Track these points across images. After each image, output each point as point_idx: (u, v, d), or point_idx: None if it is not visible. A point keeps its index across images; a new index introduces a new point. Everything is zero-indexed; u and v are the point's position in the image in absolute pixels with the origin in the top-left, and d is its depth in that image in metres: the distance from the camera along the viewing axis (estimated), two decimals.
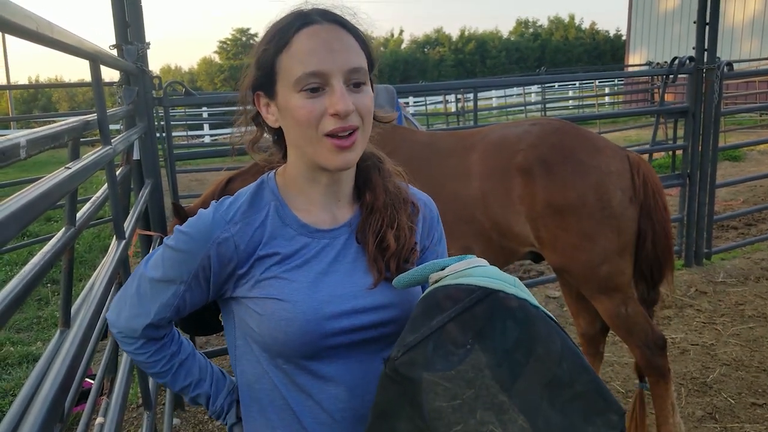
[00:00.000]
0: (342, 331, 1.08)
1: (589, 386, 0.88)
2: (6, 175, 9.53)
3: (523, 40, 58.95)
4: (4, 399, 3.50)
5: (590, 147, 2.54)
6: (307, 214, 1.13)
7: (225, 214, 1.10)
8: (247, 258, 1.09)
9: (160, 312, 1.14)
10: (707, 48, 4.95)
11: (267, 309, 1.08)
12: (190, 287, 1.11)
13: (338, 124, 1.01)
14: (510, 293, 0.91)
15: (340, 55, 1.01)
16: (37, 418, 0.98)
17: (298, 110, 1.02)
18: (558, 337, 0.90)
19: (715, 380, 3.36)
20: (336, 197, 1.15)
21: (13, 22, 0.92)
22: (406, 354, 0.89)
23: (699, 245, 5.20)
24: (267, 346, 1.10)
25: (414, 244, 1.18)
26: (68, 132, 1.38)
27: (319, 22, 1.03)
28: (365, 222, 1.15)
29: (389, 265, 1.13)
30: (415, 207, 1.23)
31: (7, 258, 6.29)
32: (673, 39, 21.22)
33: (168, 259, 1.12)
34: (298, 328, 1.06)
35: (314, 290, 1.08)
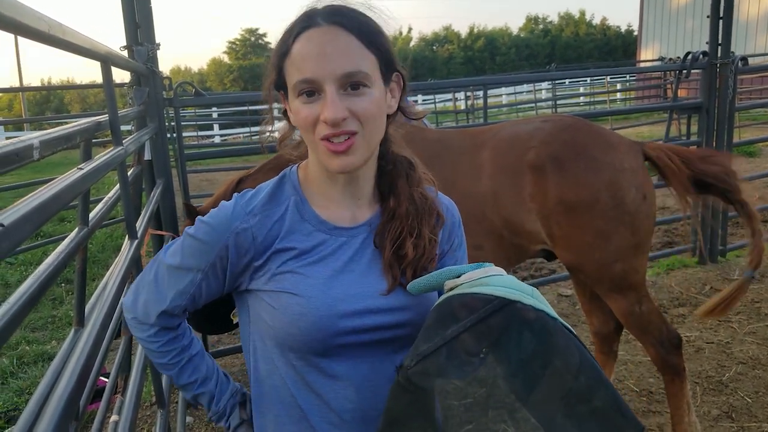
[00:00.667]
0: (354, 330, 1.08)
1: (607, 401, 0.86)
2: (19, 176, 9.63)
3: (533, 36, 58.70)
4: (20, 397, 3.53)
5: (603, 143, 2.52)
6: (326, 211, 1.14)
7: (246, 205, 1.11)
8: (264, 250, 1.10)
9: (175, 299, 1.14)
10: (721, 42, 4.89)
11: (281, 302, 1.08)
12: (207, 276, 1.12)
13: (329, 130, 1.01)
14: (528, 304, 0.89)
15: (333, 60, 1.00)
16: (53, 416, 0.99)
17: (297, 114, 1.04)
18: (576, 350, 0.88)
19: (731, 379, 3.33)
20: (355, 196, 1.15)
21: (26, 24, 0.92)
22: (419, 363, 0.88)
23: (714, 242, 5.14)
24: (279, 341, 1.10)
25: (434, 256, 1.17)
26: (80, 133, 1.39)
27: (318, 24, 1.02)
28: (384, 227, 1.14)
29: (405, 272, 1.12)
30: (441, 218, 1.21)
31: (21, 258, 6.35)
32: (686, 34, 21.02)
33: (188, 247, 1.13)
34: (312, 324, 1.06)
35: (329, 287, 1.08)
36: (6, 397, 3.52)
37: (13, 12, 0.86)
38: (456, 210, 1.29)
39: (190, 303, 1.16)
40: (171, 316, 1.18)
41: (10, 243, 0.76)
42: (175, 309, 1.16)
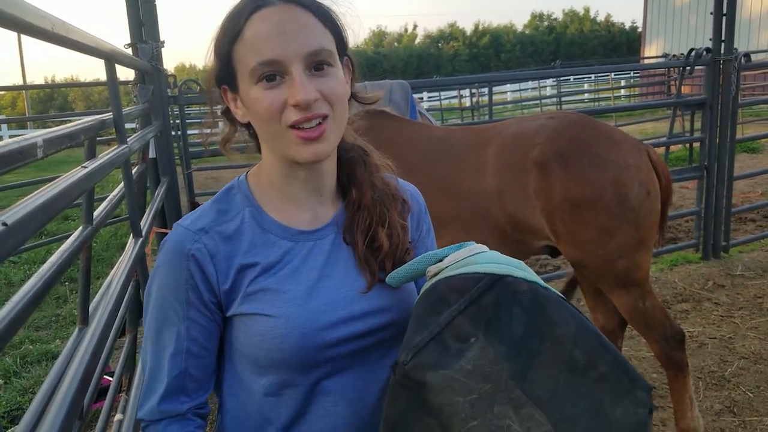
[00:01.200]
0: (340, 341, 1.00)
1: (612, 365, 0.82)
2: (23, 175, 9.66)
3: (538, 33, 58.56)
4: (23, 396, 3.54)
5: (607, 140, 2.52)
6: (287, 215, 1.04)
7: (192, 225, 1.00)
8: (227, 269, 0.99)
9: (172, 368, 0.99)
10: (724, 39, 4.87)
11: (258, 327, 0.98)
12: (191, 319, 0.99)
13: (301, 114, 0.91)
14: (519, 277, 0.86)
15: (296, 38, 0.91)
16: (57, 415, 0.99)
17: (257, 103, 0.93)
18: (572, 319, 0.84)
19: (733, 374, 3.32)
20: (317, 192, 1.05)
21: (29, 23, 0.92)
22: (415, 357, 0.82)
23: (717, 238, 5.13)
24: (258, 365, 1.00)
25: (408, 244, 1.10)
26: (84, 131, 1.40)
27: (272, 3, 0.93)
28: (352, 221, 1.06)
29: (384, 265, 1.05)
30: (406, 204, 1.14)
31: (25, 257, 6.36)
32: (690, 30, 20.94)
33: (157, 301, 1.01)
34: (295, 344, 0.97)
35: (308, 300, 0.99)
36: (9, 396, 3.53)
37: (17, 10, 0.86)
38: (421, 197, 1.23)
39: (193, 366, 1.00)
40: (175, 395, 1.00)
41: (14, 242, 0.76)
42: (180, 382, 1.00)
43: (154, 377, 1.00)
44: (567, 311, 0.85)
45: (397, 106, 3.82)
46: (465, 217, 2.69)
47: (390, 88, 3.91)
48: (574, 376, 0.81)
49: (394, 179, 1.16)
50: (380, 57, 51.01)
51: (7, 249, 0.73)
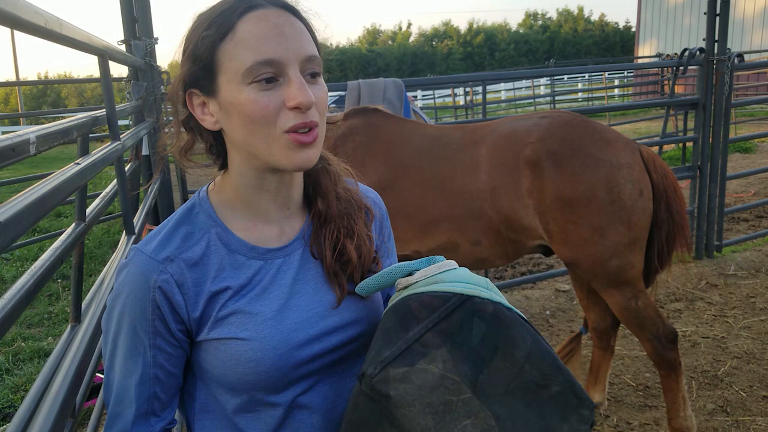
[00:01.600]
0: (312, 357, 0.99)
1: (564, 386, 0.88)
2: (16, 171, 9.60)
3: (532, 32, 58.66)
4: (16, 394, 3.53)
5: (600, 140, 2.53)
6: (254, 232, 1.01)
7: (156, 252, 0.95)
8: (196, 298, 0.95)
9: (140, 393, 0.96)
10: (717, 39, 4.90)
11: (231, 351, 0.95)
12: (157, 347, 0.95)
13: (299, 119, 0.89)
14: (485, 298, 0.90)
15: (294, 41, 0.89)
16: (49, 413, 0.99)
17: (251, 105, 0.89)
18: (531, 339, 0.89)
19: (726, 373, 3.34)
20: (285, 205, 1.03)
21: (22, 19, 0.92)
22: (383, 371, 0.84)
23: (710, 237, 5.16)
24: (232, 387, 0.98)
25: (375, 254, 1.09)
26: (77, 128, 1.39)
27: (264, 5, 0.91)
28: (318, 233, 1.04)
29: (353, 277, 1.04)
30: (370, 212, 1.13)
31: (18, 254, 6.33)
32: (684, 30, 21.03)
33: (121, 329, 0.96)
34: (270, 365, 0.95)
35: (280, 320, 0.97)
36: (1, 394, 3.52)
37: (10, 6, 0.85)
38: (382, 202, 1.20)
39: (158, 388, 0.97)
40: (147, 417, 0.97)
41: (6, 239, 0.76)
42: (148, 407, 0.97)
43: (121, 402, 0.96)
44: (528, 332, 0.90)
45: (390, 105, 3.82)
46: (458, 216, 2.70)
47: (384, 86, 3.91)
48: (528, 394, 0.86)
49: (356, 185, 1.14)
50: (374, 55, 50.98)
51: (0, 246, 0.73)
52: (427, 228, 2.75)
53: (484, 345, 0.87)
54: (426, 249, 2.76)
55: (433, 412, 0.81)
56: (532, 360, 0.87)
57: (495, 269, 5.28)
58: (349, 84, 3.97)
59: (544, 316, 4.25)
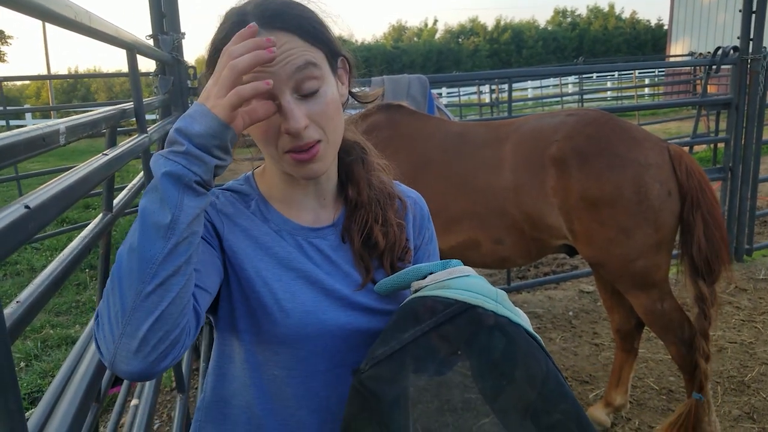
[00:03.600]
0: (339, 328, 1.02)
1: (567, 415, 0.83)
2: (46, 163, 9.81)
3: (561, 29, 57.97)
4: (44, 379, 3.61)
5: (628, 139, 2.49)
6: (289, 213, 1.07)
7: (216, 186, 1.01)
8: (231, 232, 1.01)
9: None
10: (752, 37, 4.79)
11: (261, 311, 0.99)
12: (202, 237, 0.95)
13: (294, 143, 0.93)
14: (489, 309, 0.86)
15: (281, 65, 0.90)
16: (74, 397, 1.01)
17: (253, 130, 0.95)
18: (542, 360, 0.85)
19: (753, 379, 3.27)
20: (319, 196, 1.08)
21: (53, 11, 0.94)
22: (373, 368, 0.86)
23: (740, 241, 5.05)
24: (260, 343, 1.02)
25: (406, 242, 1.12)
26: (105, 120, 1.41)
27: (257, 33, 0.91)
28: (350, 219, 1.09)
29: (383, 263, 1.07)
30: (402, 202, 1.15)
31: (47, 243, 6.47)
32: (717, 28, 20.58)
33: None
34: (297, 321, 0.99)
35: (309, 288, 1.01)
36: (30, 379, 3.61)
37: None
38: (424, 203, 1.22)
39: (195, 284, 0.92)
40: None
41: (36, 225, 0.77)
42: None
43: None
44: (536, 351, 0.86)
45: (414, 101, 3.81)
46: (481, 213, 2.68)
47: (408, 83, 3.90)
48: (524, 416, 0.81)
49: (390, 180, 1.17)
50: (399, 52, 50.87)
51: (29, 232, 0.74)
52: (449, 225, 2.74)
53: (481, 357, 0.83)
54: (447, 246, 2.75)
55: (421, 417, 0.80)
56: (531, 381, 0.83)
57: (518, 269, 5.24)
58: (374, 80, 3.97)
59: (567, 317, 4.21)
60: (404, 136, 2.89)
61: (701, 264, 2.44)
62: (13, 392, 0.64)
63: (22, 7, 0.81)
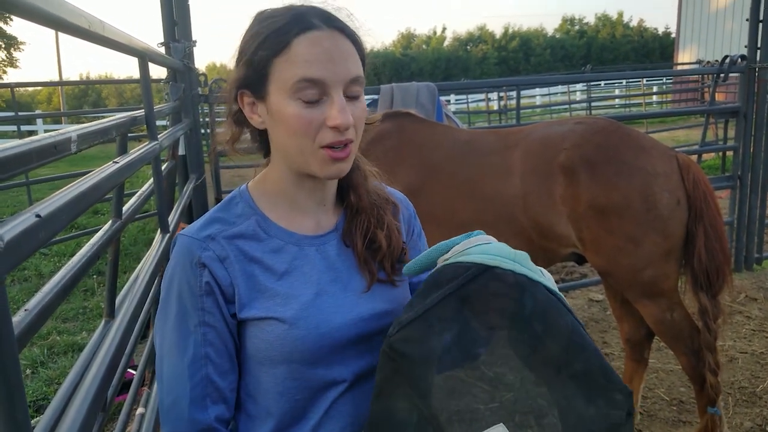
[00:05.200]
0: (350, 341, 1.04)
1: (589, 365, 0.85)
2: (57, 169, 9.86)
3: (569, 37, 57.99)
4: (49, 387, 3.61)
5: (636, 147, 2.48)
6: (291, 222, 1.08)
7: (197, 233, 1.02)
8: (238, 271, 1.01)
9: (193, 374, 0.99)
10: (760, 46, 4.76)
11: (275, 331, 1.00)
12: (207, 324, 1.00)
13: (336, 138, 0.97)
14: (507, 269, 0.90)
15: (340, 65, 0.97)
16: (81, 406, 1.00)
17: (294, 119, 0.97)
18: (564, 313, 0.89)
19: (765, 390, 3.24)
20: (321, 201, 1.11)
21: (67, 21, 0.94)
22: (400, 331, 0.89)
23: (749, 250, 5.01)
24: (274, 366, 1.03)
25: (403, 244, 1.16)
26: (116, 127, 1.42)
27: (319, 27, 0.97)
28: (351, 223, 1.11)
29: (383, 265, 1.10)
30: (396, 207, 1.20)
31: (56, 249, 6.50)
32: (725, 37, 20.52)
33: (171, 313, 1.01)
34: (312, 344, 1.00)
35: (319, 303, 1.03)
36: (36, 386, 3.60)
37: (55, 9, 0.88)
38: (409, 203, 1.27)
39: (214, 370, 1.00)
40: (201, 404, 0.99)
41: (47, 233, 0.77)
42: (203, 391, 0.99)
43: (175, 388, 0.99)
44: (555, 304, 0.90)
45: (423, 108, 3.81)
46: (489, 221, 2.68)
47: (417, 90, 3.91)
48: (546, 370, 0.84)
49: (382, 185, 1.21)
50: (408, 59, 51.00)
51: (40, 240, 0.74)
52: (457, 232, 2.71)
53: (500, 314, 0.87)
54: None
55: (448, 377, 0.84)
56: (551, 334, 0.86)
57: None
58: (383, 88, 3.98)
59: None
60: (412, 143, 2.89)
61: (701, 276, 2.42)
62: (19, 401, 0.64)
63: (37, 17, 0.82)
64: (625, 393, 0.84)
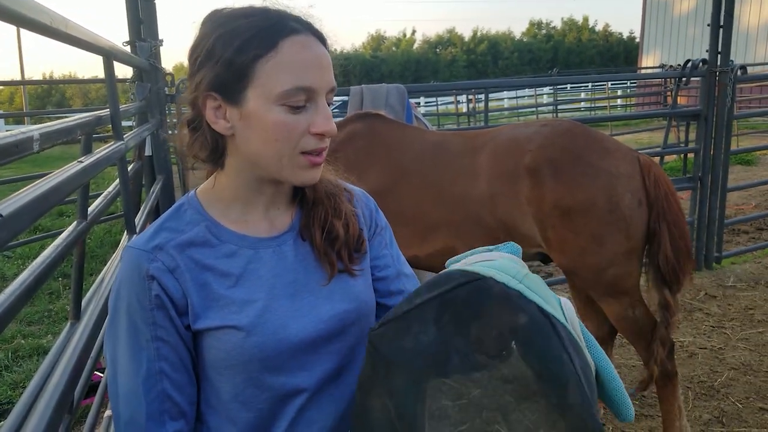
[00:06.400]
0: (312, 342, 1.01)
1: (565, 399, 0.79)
2: (19, 170, 9.63)
3: (536, 41, 58.71)
4: (14, 391, 3.53)
5: (600, 149, 2.53)
6: (244, 226, 1.04)
7: (145, 244, 0.98)
8: (190, 281, 0.97)
9: (148, 390, 0.95)
10: (720, 51, 4.91)
11: (232, 340, 0.97)
12: (160, 339, 0.96)
13: (318, 145, 0.97)
14: (500, 281, 0.86)
15: (327, 72, 0.97)
16: (46, 407, 0.99)
17: (277, 126, 0.93)
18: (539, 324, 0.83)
19: (722, 384, 3.34)
20: (276, 203, 1.07)
21: (28, 17, 0.93)
22: (382, 327, 0.89)
23: (709, 249, 5.16)
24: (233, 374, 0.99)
25: (360, 231, 1.13)
26: (81, 126, 1.40)
27: (303, 32, 0.95)
28: (308, 217, 1.08)
29: (341, 255, 1.07)
30: (349, 192, 1.16)
31: (19, 252, 6.35)
32: (687, 42, 21.06)
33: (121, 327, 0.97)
34: (270, 351, 0.98)
35: (275, 307, 1.00)
36: (0, 390, 3.53)
37: (16, 4, 0.87)
38: (369, 197, 1.23)
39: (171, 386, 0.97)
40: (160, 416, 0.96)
41: (8, 233, 0.77)
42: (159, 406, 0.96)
43: (130, 404, 0.95)
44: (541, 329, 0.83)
45: (392, 110, 3.83)
46: (457, 222, 2.71)
47: (386, 92, 3.93)
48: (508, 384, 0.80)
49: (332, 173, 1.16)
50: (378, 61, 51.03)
51: (1, 241, 0.74)
52: (426, 233, 2.76)
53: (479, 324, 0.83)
54: (424, 254, 2.77)
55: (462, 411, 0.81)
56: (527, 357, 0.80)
57: None
58: (352, 89, 3.99)
59: None
60: (382, 144, 2.91)
61: (669, 273, 2.47)
62: None
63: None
64: None
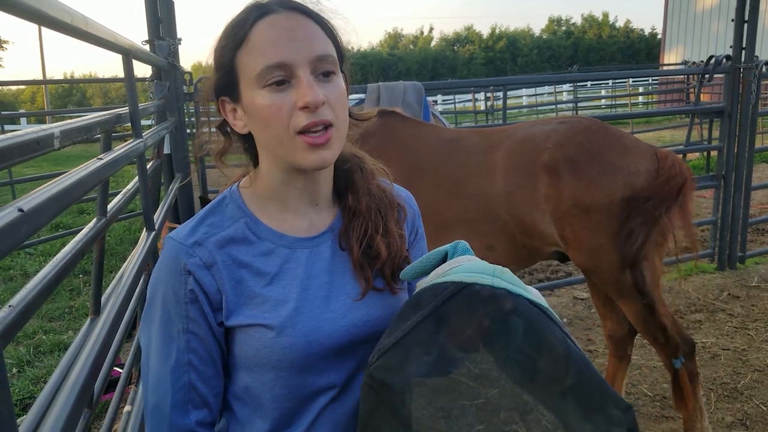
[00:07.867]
0: (342, 348, 1.02)
1: (580, 379, 0.81)
2: (40, 168, 9.77)
3: (556, 38, 58.29)
4: (36, 386, 3.59)
5: (618, 146, 2.50)
6: (283, 224, 1.04)
7: (185, 239, 0.99)
8: (226, 278, 0.98)
9: (175, 380, 0.97)
10: (745, 46, 4.83)
11: (263, 339, 0.98)
12: (191, 332, 0.98)
13: (310, 119, 0.92)
14: (485, 284, 0.87)
15: (303, 43, 0.93)
16: (66, 402, 1.00)
17: (265, 108, 0.93)
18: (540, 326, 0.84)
19: (746, 386, 3.28)
20: (314, 201, 1.06)
21: (49, 15, 0.94)
22: (380, 359, 0.86)
23: (733, 248, 5.08)
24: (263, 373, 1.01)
25: (406, 252, 1.11)
26: (101, 124, 1.42)
27: (277, 11, 0.94)
28: (347, 227, 1.06)
29: (382, 272, 1.06)
30: (403, 210, 1.15)
31: (41, 248, 6.44)
32: (710, 37, 20.73)
33: (156, 318, 0.99)
34: (301, 352, 0.98)
35: (309, 308, 1.00)
36: (22, 385, 3.58)
37: (38, 2, 0.87)
38: (414, 202, 1.22)
39: (197, 377, 0.99)
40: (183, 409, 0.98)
41: (30, 228, 0.77)
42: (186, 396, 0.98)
43: (158, 391, 0.98)
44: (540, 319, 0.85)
45: (409, 108, 3.82)
46: (473, 219, 2.69)
47: (404, 90, 3.92)
48: (537, 385, 0.80)
49: (390, 184, 1.16)
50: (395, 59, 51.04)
51: (23, 235, 0.74)
52: (441, 231, 2.75)
53: (478, 331, 0.84)
54: None
55: (432, 404, 0.81)
56: (536, 347, 0.82)
57: None
58: (369, 87, 3.98)
59: None
60: (398, 142, 2.90)
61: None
62: (4, 398, 0.64)
63: (18, 11, 0.82)
64: (623, 408, 0.80)
